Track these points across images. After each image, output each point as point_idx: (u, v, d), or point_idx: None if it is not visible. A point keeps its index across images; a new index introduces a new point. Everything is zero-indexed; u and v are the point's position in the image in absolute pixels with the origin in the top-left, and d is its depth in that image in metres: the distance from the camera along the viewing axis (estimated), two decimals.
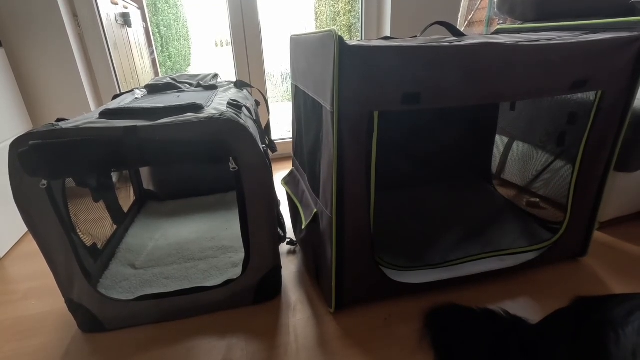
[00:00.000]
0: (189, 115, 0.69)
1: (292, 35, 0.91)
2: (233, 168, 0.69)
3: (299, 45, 0.84)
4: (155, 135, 0.65)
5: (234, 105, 0.80)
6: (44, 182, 0.63)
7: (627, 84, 0.77)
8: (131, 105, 0.74)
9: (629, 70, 0.76)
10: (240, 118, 0.72)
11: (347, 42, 0.61)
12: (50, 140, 0.61)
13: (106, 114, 0.71)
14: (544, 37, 0.76)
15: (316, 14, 4.25)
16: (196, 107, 0.74)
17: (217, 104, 0.80)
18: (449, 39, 0.77)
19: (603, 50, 0.72)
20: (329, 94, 0.64)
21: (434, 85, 0.66)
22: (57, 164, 0.62)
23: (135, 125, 0.64)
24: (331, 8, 4.05)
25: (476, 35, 0.90)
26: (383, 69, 0.62)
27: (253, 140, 0.70)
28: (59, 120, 0.70)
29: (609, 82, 0.76)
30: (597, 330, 0.71)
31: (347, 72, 0.61)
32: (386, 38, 0.90)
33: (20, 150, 0.61)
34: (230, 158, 0.69)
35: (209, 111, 0.72)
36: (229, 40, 1.69)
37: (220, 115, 0.69)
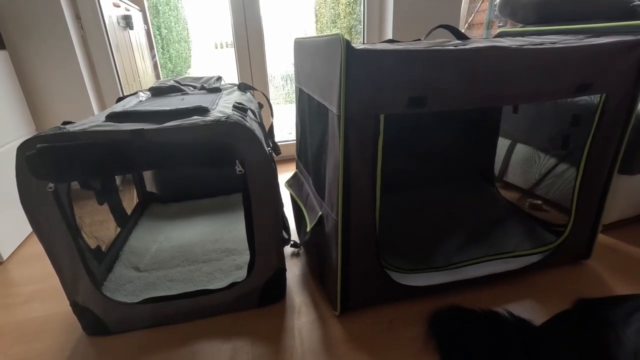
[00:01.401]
0: (196, 119, 0.69)
1: (296, 39, 0.92)
2: (239, 171, 0.70)
3: (304, 48, 0.84)
4: (162, 138, 0.65)
5: (240, 108, 0.80)
6: (51, 185, 0.64)
7: (631, 87, 0.78)
8: (137, 108, 0.74)
9: (632, 74, 0.76)
10: (246, 121, 0.72)
11: (354, 45, 0.62)
12: (58, 143, 0.61)
13: (113, 117, 0.71)
14: (547, 41, 0.76)
15: (316, 16, 4.25)
16: (202, 110, 0.74)
17: (222, 107, 0.80)
18: (453, 42, 0.78)
19: (607, 53, 0.73)
20: (335, 97, 0.64)
21: (439, 88, 0.66)
22: (65, 167, 0.62)
23: (142, 129, 0.64)
24: (331, 10, 4.05)
25: (480, 39, 0.90)
26: (389, 73, 0.63)
27: (259, 143, 0.70)
28: (65, 123, 0.70)
29: (613, 86, 0.76)
30: (598, 332, 0.71)
31: (354, 76, 0.61)
32: (390, 41, 0.91)
33: (28, 153, 0.61)
34: (237, 161, 0.69)
35: (215, 114, 0.72)
36: (229, 42, 1.69)
37: (226, 118, 0.69)
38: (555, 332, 0.75)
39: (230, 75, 1.78)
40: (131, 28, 1.94)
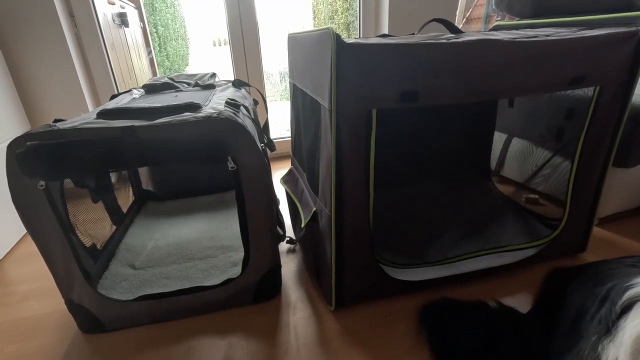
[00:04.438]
0: (187, 115, 0.69)
1: (289, 34, 0.91)
2: (231, 167, 0.69)
3: (297, 44, 0.84)
4: (153, 135, 0.65)
5: (232, 104, 0.80)
6: (42, 183, 0.63)
7: (625, 79, 0.77)
8: (129, 105, 0.74)
9: (627, 66, 0.76)
10: (238, 117, 0.72)
11: (345, 40, 0.61)
12: (48, 141, 0.61)
13: (104, 114, 0.71)
14: (541, 33, 0.76)
15: (314, 12, 4.23)
16: (194, 107, 0.73)
17: (215, 103, 0.80)
18: (446, 36, 0.77)
19: (601, 45, 0.72)
20: (326, 92, 0.64)
21: (431, 82, 0.66)
22: (55, 165, 0.62)
23: (133, 125, 0.64)
24: (329, 6, 4.04)
25: (474, 32, 0.90)
26: (381, 67, 0.62)
27: (251, 139, 0.70)
28: (56, 121, 0.70)
29: (607, 78, 0.76)
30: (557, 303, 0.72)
31: (345, 70, 0.61)
32: (384, 36, 0.90)
33: (18, 151, 0.61)
34: (229, 157, 0.69)
35: (206, 110, 0.72)
36: (227, 40, 1.68)
37: (218, 114, 0.68)
38: (537, 314, 0.76)
39: (228, 73, 1.77)
40: (126, 26, 1.93)
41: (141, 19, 2.44)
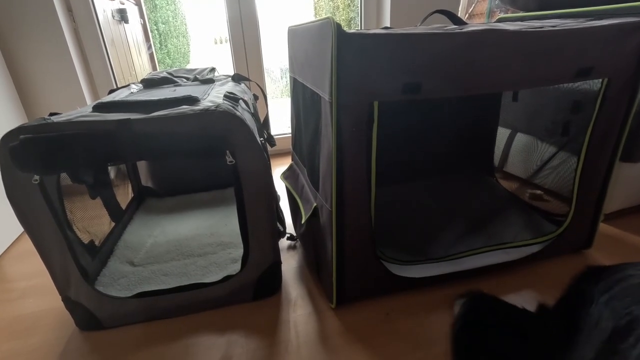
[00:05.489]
0: (184, 108, 0.67)
1: (289, 27, 0.89)
2: (230, 161, 0.68)
3: (297, 36, 0.82)
4: (149, 128, 0.63)
5: (231, 97, 0.78)
6: (37, 177, 0.62)
7: (634, 72, 0.75)
8: (125, 99, 0.73)
9: (635, 57, 0.74)
10: (237, 110, 0.70)
11: (346, 30, 0.59)
12: (42, 134, 0.60)
13: (100, 108, 0.69)
14: (547, 24, 0.74)
15: (315, 8, 4.22)
16: (192, 100, 0.72)
17: (213, 97, 0.78)
18: (450, 27, 0.75)
19: (609, 36, 0.70)
20: (327, 84, 0.63)
21: (434, 74, 0.64)
22: (49, 159, 0.61)
23: (129, 118, 0.63)
24: (330, 3, 4.02)
25: (478, 24, 0.88)
26: (383, 58, 0.61)
27: (250, 133, 0.68)
28: (51, 114, 0.69)
29: (615, 70, 0.74)
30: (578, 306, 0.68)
31: (346, 61, 0.59)
32: (386, 28, 0.88)
33: (11, 144, 0.59)
34: (227, 151, 0.67)
35: (204, 104, 0.70)
36: (228, 38, 1.67)
37: (216, 107, 0.67)
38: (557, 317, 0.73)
39: (229, 70, 1.76)
40: (126, 22, 1.92)
41: (141, 16, 2.42)
